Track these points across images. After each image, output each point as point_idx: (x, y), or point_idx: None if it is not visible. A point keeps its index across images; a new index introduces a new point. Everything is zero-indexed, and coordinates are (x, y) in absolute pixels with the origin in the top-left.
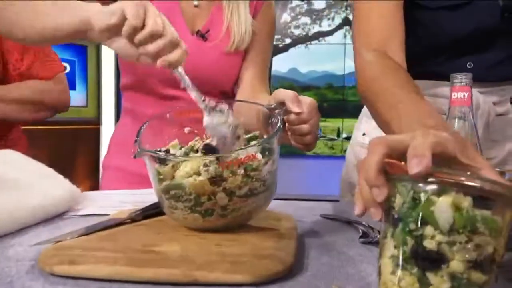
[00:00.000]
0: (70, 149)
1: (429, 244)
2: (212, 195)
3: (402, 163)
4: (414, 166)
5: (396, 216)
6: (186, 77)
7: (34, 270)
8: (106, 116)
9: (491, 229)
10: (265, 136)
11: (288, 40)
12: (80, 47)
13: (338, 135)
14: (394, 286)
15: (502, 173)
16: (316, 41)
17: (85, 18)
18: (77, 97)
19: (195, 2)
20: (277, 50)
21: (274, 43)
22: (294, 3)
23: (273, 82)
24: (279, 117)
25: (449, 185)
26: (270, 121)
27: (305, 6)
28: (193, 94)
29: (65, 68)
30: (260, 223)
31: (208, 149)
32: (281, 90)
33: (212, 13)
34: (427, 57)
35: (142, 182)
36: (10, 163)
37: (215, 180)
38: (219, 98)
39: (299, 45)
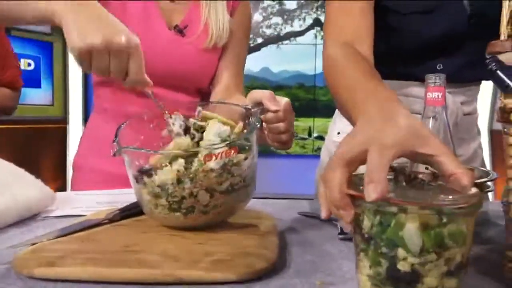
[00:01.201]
0: (35, 149)
1: (403, 266)
2: (193, 193)
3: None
4: (371, 193)
5: (366, 236)
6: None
7: (10, 273)
8: (73, 115)
9: (458, 241)
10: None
11: (259, 40)
12: (45, 43)
13: (310, 134)
14: None
15: (471, 170)
16: (287, 41)
17: (51, 16)
18: (42, 95)
19: None
20: (249, 50)
21: None
22: (265, 3)
23: (245, 81)
24: (257, 116)
25: (415, 208)
26: (247, 120)
27: (277, 6)
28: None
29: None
30: (241, 222)
31: None
32: (257, 90)
33: (190, 9)
34: (399, 59)
35: (116, 182)
36: None
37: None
38: (195, 95)
39: (271, 45)
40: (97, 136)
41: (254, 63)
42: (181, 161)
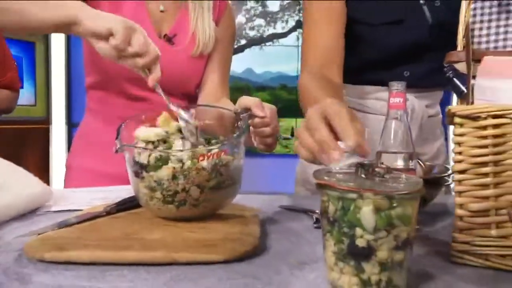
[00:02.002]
0: (17, 149)
1: (360, 242)
2: (185, 188)
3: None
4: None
5: (331, 219)
6: (163, 94)
7: (22, 258)
8: (56, 115)
9: (404, 221)
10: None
11: (243, 41)
12: (28, 43)
13: (292, 134)
14: (338, 274)
15: (431, 167)
16: (270, 43)
17: (72, 14)
18: (24, 96)
19: (161, 7)
20: (233, 51)
21: None
22: (249, 5)
23: (229, 82)
24: (245, 120)
25: (369, 195)
26: (236, 124)
27: (260, 8)
28: (174, 108)
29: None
30: (227, 213)
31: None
32: (246, 97)
33: (178, 18)
34: (370, 67)
35: (108, 180)
36: None
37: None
38: (182, 99)
39: (254, 46)
40: (90, 137)
41: (237, 64)
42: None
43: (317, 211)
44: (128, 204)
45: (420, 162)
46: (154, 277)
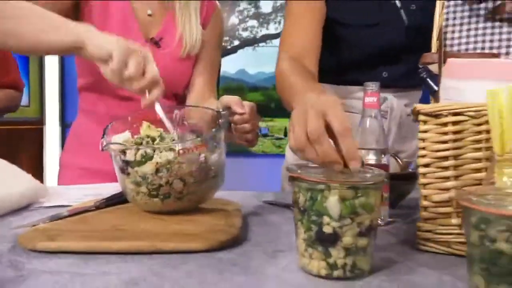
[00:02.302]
0: (11, 149)
1: (327, 229)
2: (169, 181)
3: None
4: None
5: (302, 208)
6: (162, 112)
7: (16, 249)
8: (50, 116)
9: (367, 209)
10: None
11: (236, 42)
12: None
13: (285, 134)
14: (308, 259)
15: (408, 163)
16: (263, 44)
17: (79, 40)
18: None
19: (149, 11)
20: (226, 52)
21: (223, 44)
22: (241, 6)
23: (222, 83)
24: (226, 118)
25: (335, 185)
26: (217, 121)
27: (253, 10)
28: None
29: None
30: (211, 207)
31: None
32: (227, 96)
33: (165, 22)
34: (350, 67)
35: (99, 177)
36: None
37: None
38: (171, 99)
39: (247, 47)
40: (82, 136)
41: (231, 65)
42: (160, 154)
43: None
44: (117, 199)
45: (398, 159)
46: (139, 264)
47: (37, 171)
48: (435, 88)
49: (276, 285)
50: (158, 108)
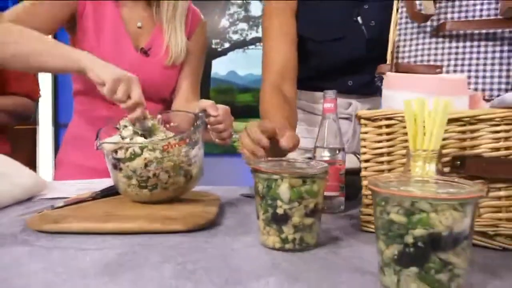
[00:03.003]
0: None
1: (280, 211)
2: (156, 174)
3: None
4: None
5: (261, 195)
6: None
7: (26, 230)
8: (43, 116)
9: (312, 195)
10: None
11: (226, 45)
12: None
13: None
14: (266, 235)
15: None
16: (253, 46)
17: (81, 67)
18: None
19: (139, 24)
20: (217, 54)
21: (214, 47)
22: (232, 10)
23: (213, 84)
24: (202, 119)
25: (286, 175)
26: (195, 123)
27: (243, 13)
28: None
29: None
30: (192, 198)
31: None
32: (203, 100)
33: (153, 33)
34: (319, 76)
35: (93, 174)
36: None
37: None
38: (158, 103)
39: (237, 50)
40: (77, 136)
41: (221, 67)
42: (148, 151)
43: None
44: (110, 191)
45: (358, 156)
46: (130, 241)
47: (31, 169)
48: None
49: (240, 257)
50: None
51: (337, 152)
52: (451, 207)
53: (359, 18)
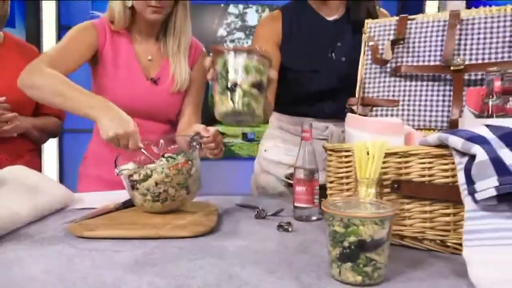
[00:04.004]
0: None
1: (232, 78)
2: (165, 190)
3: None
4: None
5: (219, 71)
6: (145, 152)
7: (68, 236)
8: None
9: (258, 71)
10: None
11: None
12: None
13: None
14: (221, 99)
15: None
16: None
17: (92, 117)
18: None
19: (149, 57)
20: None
21: (212, 54)
22: (229, 20)
23: (211, 90)
24: (197, 141)
25: (240, 53)
26: (191, 144)
27: (239, 23)
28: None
29: None
30: (195, 209)
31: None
32: (196, 124)
33: (162, 65)
34: (300, 103)
35: (111, 185)
36: (25, 175)
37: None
38: (166, 123)
39: None
40: (96, 153)
41: None
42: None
43: (260, 207)
44: (129, 203)
45: None
46: (149, 244)
47: None
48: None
49: (233, 254)
50: (144, 152)
51: (313, 172)
52: (373, 222)
53: (333, 54)
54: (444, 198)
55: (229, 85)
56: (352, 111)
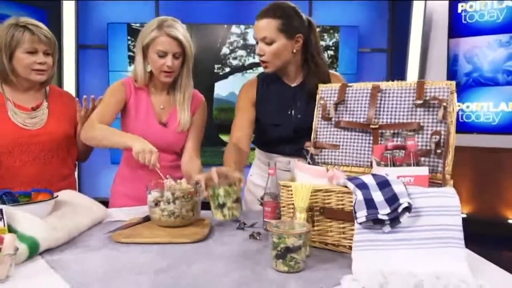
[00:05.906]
0: None
1: (220, 201)
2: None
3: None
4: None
5: (211, 195)
6: (159, 172)
7: (110, 242)
8: None
9: (234, 193)
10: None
11: (227, 69)
12: None
13: None
14: (215, 212)
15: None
16: (250, 70)
17: (128, 145)
18: None
19: (161, 106)
20: (218, 78)
21: (216, 71)
22: (232, 39)
23: (215, 104)
24: (198, 187)
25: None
26: (196, 185)
27: (241, 42)
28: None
29: None
30: (195, 222)
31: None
32: (197, 175)
33: (170, 112)
34: (271, 145)
35: (135, 201)
36: (76, 197)
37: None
38: (173, 155)
39: (237, 73)
40: (124, 175)
41: (222, 89)
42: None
43: (241, 220)
44: (148, 218)
45: None
46: (163, 248)
47: None
48: (311, 162)
49: (217, 255)
50: (158, 171)
51: (276, 197)
52: (294, 236)
53: (292, 112)
54: (350, 219)
55: (219, 204)
56: (307, 151)
